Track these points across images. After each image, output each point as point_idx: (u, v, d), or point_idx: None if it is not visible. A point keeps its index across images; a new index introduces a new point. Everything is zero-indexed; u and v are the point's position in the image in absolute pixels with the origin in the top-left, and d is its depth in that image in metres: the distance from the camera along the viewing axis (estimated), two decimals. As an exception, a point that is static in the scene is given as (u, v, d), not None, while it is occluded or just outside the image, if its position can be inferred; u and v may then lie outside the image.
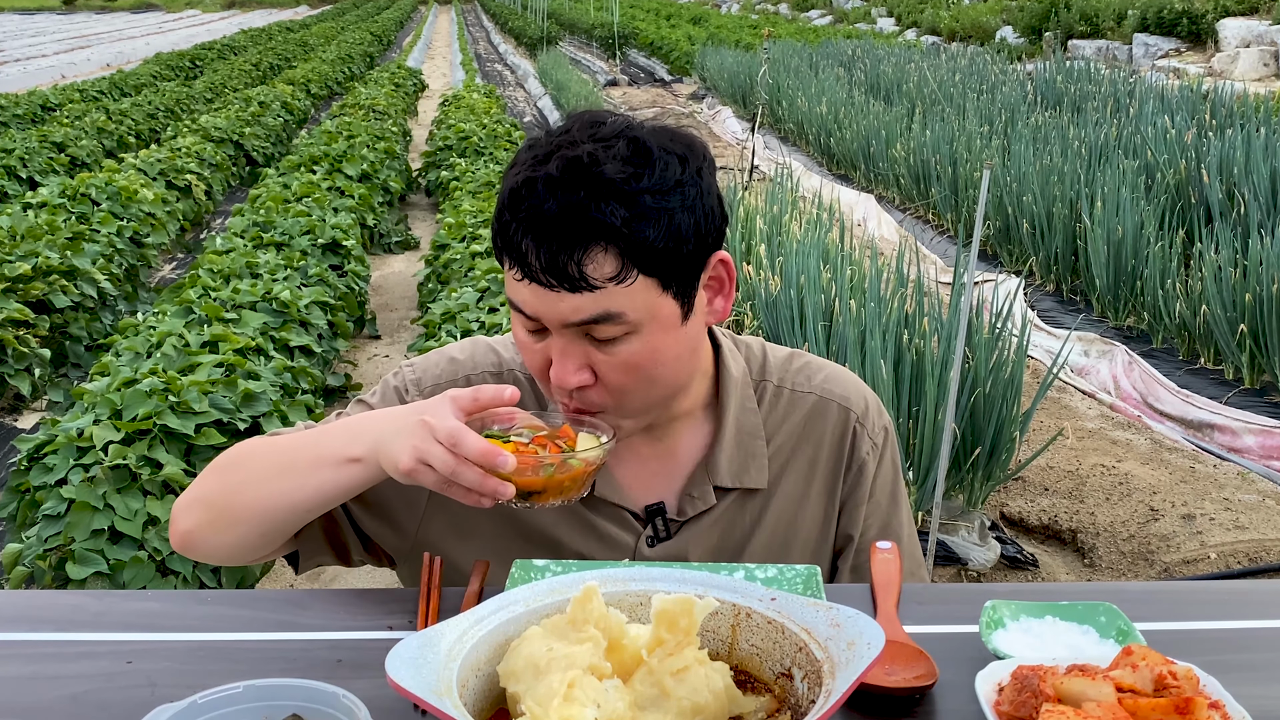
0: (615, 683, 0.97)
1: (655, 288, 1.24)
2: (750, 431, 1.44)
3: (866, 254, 4.43)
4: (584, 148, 1.21)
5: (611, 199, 1.19)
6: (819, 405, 1.48)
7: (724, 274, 1.33)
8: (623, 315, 1.23)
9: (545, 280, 1.21)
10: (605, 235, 1.19)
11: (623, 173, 1.20)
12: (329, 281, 6.15)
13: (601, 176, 1.19)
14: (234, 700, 0.99)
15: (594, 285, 1.20)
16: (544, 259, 1.20)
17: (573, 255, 1.19)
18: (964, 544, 3.76)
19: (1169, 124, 7.98)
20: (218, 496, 1.37)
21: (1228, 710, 0.97)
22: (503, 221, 1.23)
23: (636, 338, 1.25)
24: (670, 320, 1.27)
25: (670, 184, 1.22)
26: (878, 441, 1.50)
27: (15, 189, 9.09)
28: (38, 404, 5.38)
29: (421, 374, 1.45)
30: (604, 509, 1.41)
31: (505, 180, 1.25)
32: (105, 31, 41.71)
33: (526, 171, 1.22)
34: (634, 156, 1.22)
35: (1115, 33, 17.70)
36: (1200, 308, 5.43)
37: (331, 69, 20.10)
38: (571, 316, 1.22)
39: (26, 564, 3.30)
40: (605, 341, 1.25)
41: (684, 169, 1.24)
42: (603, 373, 1.27)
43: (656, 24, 28.05)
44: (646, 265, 1.22)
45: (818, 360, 1.53)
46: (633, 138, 1.23)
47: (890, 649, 1.09)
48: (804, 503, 1.46)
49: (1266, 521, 3.99)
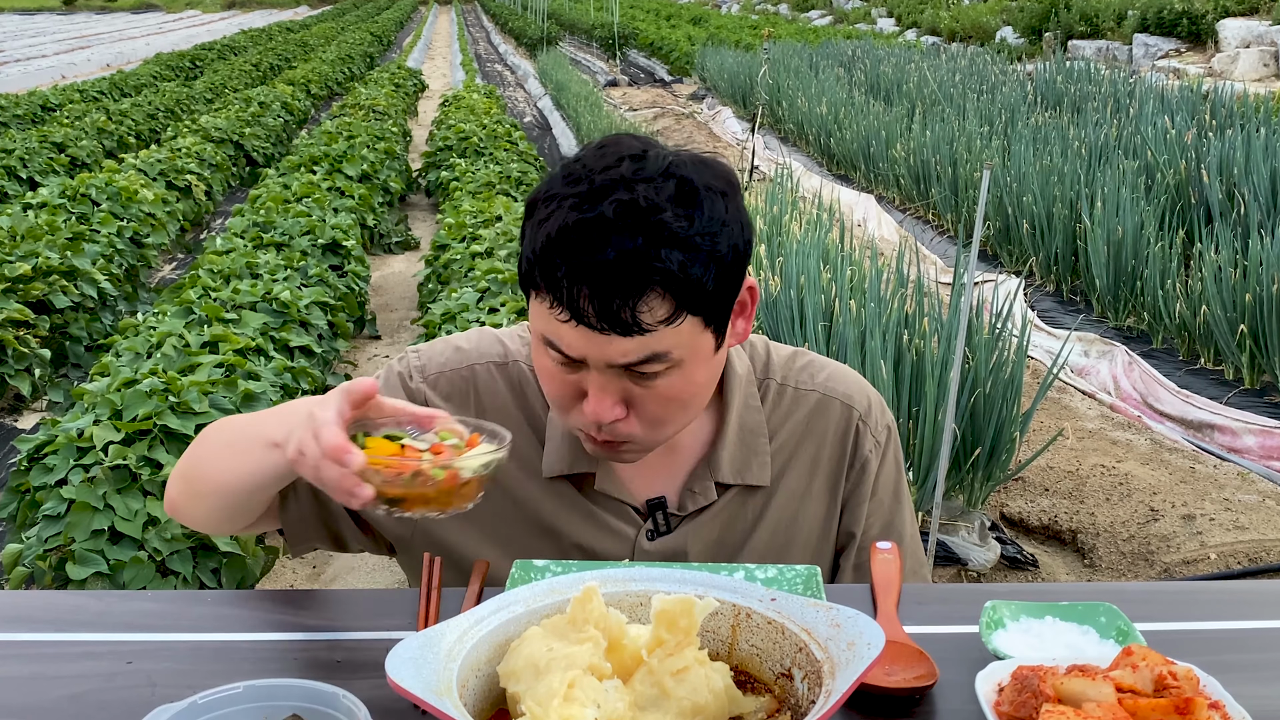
0: (615, 683, 0.97)
1: (699, 324, 1.24)
2: (753, 429, 1.44)
3: (866, 254, 4.43)
4: (639, 190, 1.18)
5: (667, 245, 1.17)
6: (822, 403, 1.48)
7: (749, 298, 1.33)
8: (669, 354, 1.22)
9: (596, 324, 1.19)
10: (662, 281, 1.18)
11: (677, 218, 1.18)
12: (329, 282, 6.15)
13: (659, 223, 1.17)
14: (234, 700, 0.99)
15: (646, 329, 1.19)
16: (598, 305, 1.18)
17: (628, 301, 1.17)
18: (964, 544, 3.76)
19: (1169, 124, 7.98)
20: (187, 469, 1.41)
21: (1228, 710, 0.97)
22: (548, 261, 1.19)
23: (677, 372, 1.25)
24: (707, 352, 1.28)
25: (718, 225, 1.21)
26: (880, 440, 1.50)
27: (15, 189, 9.09)
28: (38, 404, 5.39)
29: (426, 360, 1.45)
30: (605, 502, 1.41)
31: (543, 212, 1.21)
32: (105, 32, 41.72)
33: (574, 212, 1.18)
34: (682, 197, 1.20)
35: (1115, 33, 17.69)
36: (1200, 308, 5.43)
37: (331, 69, 20.09)
38: (619, 359, 1.21)
39: (26, 564, 3.30)
40: (645, 376, 1.24)
41: (727, 207, 1.23)
42: (638, 405, 1.27)
43: (656, 24, 28.05)
44: (694, 305, 1.21)
45: (821, 359, 1.53)
46: (680, 176, 1.21)
47: (890, 649, 1.09)
48: (806, 500, 1.47)
49: (1266, 521, 3.99)
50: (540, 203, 1.23)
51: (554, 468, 1.41)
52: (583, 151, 1.25)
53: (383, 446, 1.19)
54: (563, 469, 1.40)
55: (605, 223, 1.17)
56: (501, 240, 6.21)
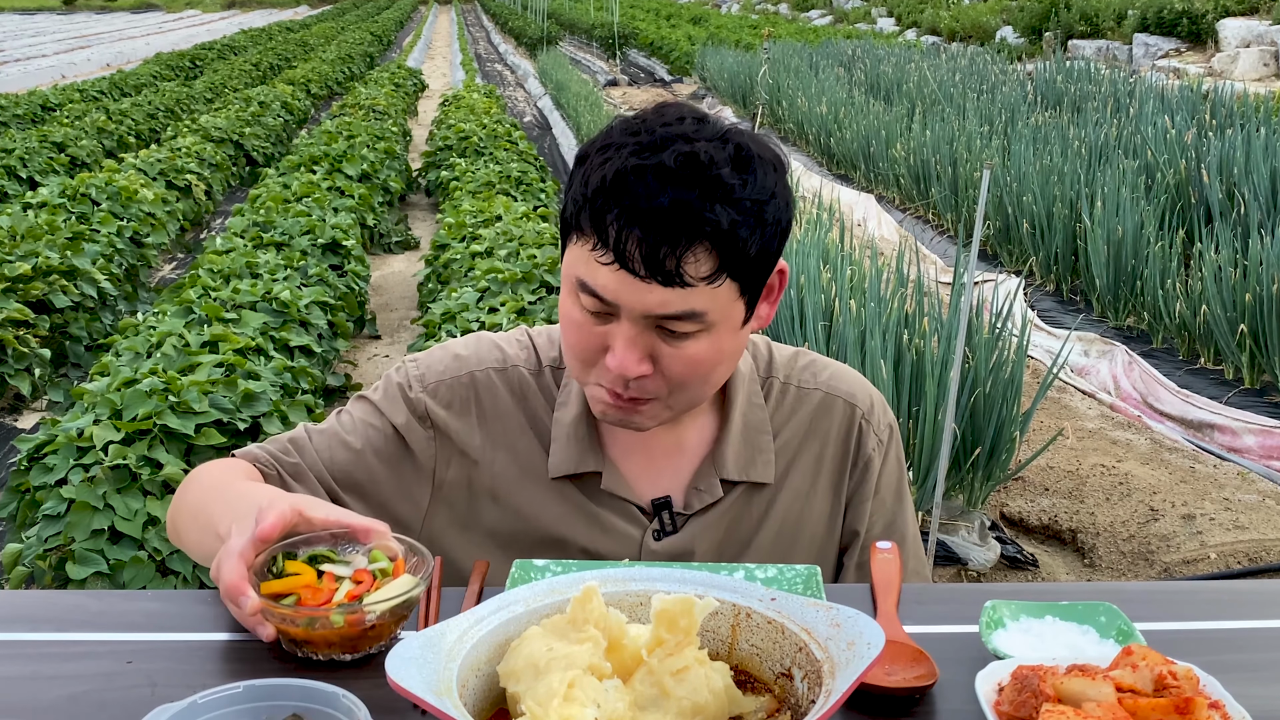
0: (615, 683, 0.97)
1: (735, 291, 1.25)
2: (756, 426, 1.45)
3: (866, 254, 4.43)
4: (700, 145, 1.20)
5: (722, 201, 1.19)
6: (825, 401, 1.48)
7: (777, 282, 1.34)
8: (705, 314, 1.23)
9: (639, 271, 1.20)
10: (711, 236, 1.19)
11: (733, 178, 1.20)
12: (329, 281, 6.15)
13: (717, 179, 1.19)
14: (234, 700, 0.99)
15: (687, 283, 1.20)
16: (645, 250, 1.19)
17: (675, 250, 1.18)
18: (964, 544, 3.76)
19: (1169, 124, 7.98)
20: (172, 515, 1.43)
21: (1228, 710, 0.97)
22: (598, 204, 1.20)
23: (706, 336, 1.26)
24: (736, 324, 1.29)
25: (767, 194, 1.23)
26: (883, 438, 1.50)
27: (15, 189, 9.09)
28: (38, 404, 5.38)
29: (425, 369, 1.45)
30: (610, 503, 1.41)
31: (599, 159, 1.22)
32: (105, 31, 41.71)
33: (634, 158, 1.19)
34: (739, 161, 1.22)
35: (1115, 33, 17.70)
36: (1200, 308, 5.43)
37: (331, 69, 20.09)
38: (656, 309, 1.22)
39: (26, 564, 3.30)
40: (675, 335, 1.25)
41: (776, 181, 1.25)
42: (664, 364, 1.27)
43: (656, 24, 28.06)
44: (736, 269, 1.22)
45: (823, 358, 1.54)
46: (737, 143, 1.23)
47: (890, 649, 1.09)
48: (810, 498, 1.47)
49: (1266, 521, 3.99)
50: (595, 151, 1.24)
51: (560, 468, 1.40)
52: (641, 111, 1.27)
53: (300, 575, 1.15)
54: (569, 468, 1.40)
55: (665, 170, 1.18)
56: (501, 240, 6.21)
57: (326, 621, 1.09)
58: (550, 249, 5.88)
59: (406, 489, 1.41)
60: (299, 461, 1.42)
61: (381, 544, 1.19)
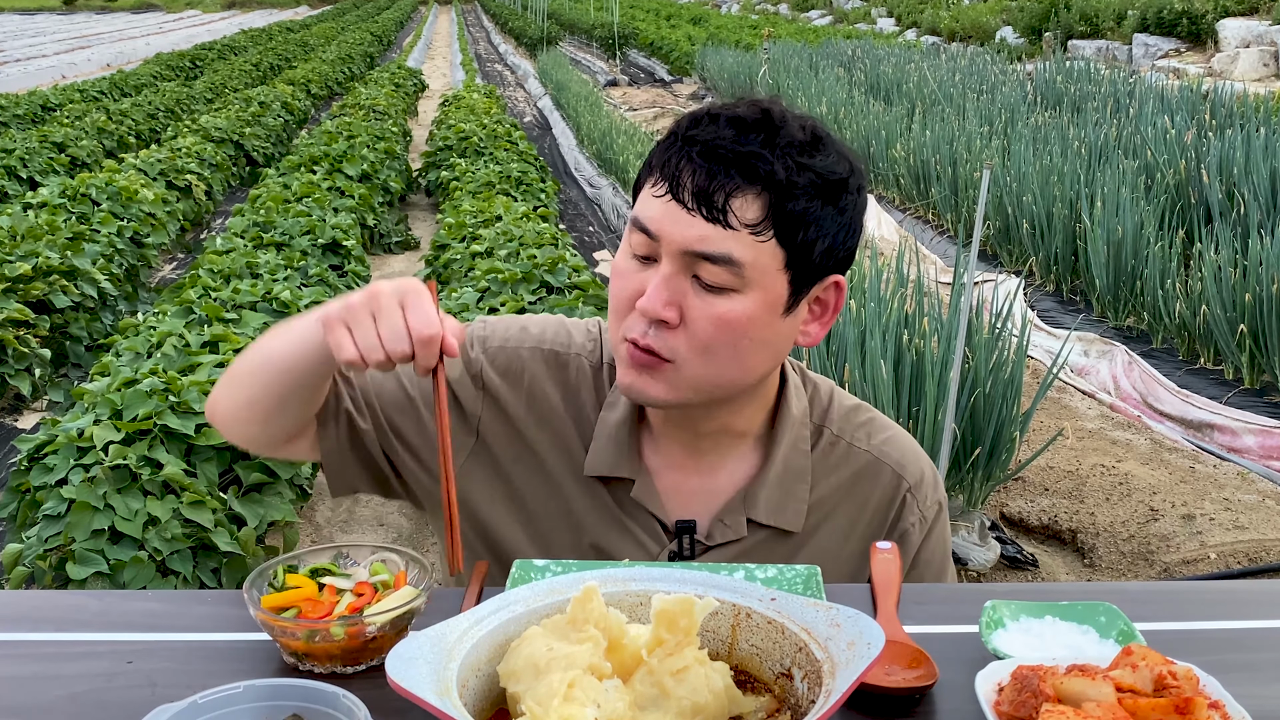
0: (615, 683, 0.97)
1: (779, 260, 1.24)
2: (796, 473, 1.40)
3: (866, 254, 4.43)
4: (777, 108, 1.26)
5: (784, 155, 1.22)
6: (872, 466, 1.43)
7: (832, 300, 1.33)
8: (741, 266, 1.22)
9: (687, 202, 1.21)
10: (764, 182, 1.21)
11: (803, 141, 1.24)
12: (329, 281, 6.15)
13: (784, 133, 1.23)
14: (234, 700, 0.99)
15: (730, 224, 1.21)
16: (698, 180, 1.21)
17: (725, 186, 1.20)
18: (964, 544, 3.76)
19: (1169, 124, 7.98)
20: (235, 362, 1.41)
21: (1228, 710, 0.97)
22: (669, 141, 1.25)
23: (740, 297, 1.24)
24: (775, 302, 1.26)
25: (835, 178, 1.25)
26: (928, 515, 1.44)
27: (15, 189, 9.09)
28: (38, 404, 5.39)
29: (490, 332, 1.45)
30: (635, 513, 1.39)
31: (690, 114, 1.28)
32: (105, 31, 41.71)
33: (714, 110, 1.26)
34: (815, 138, 1.26)
35: (1115, 33, 17.70)
36: (1200, 308, 5.43)
37: (331, 69, 20.09)
38: (695, 245, 1.22)
39: (26, 564, 3.30)
40: (709, 289, 1.24)
41: (851, 175, 1.27)
42: (691, 318, 1.25)
43: (656, 24, 28.06)
44: (784, 231, 1.23)
45: (883, 419, 1.48)
46: (818, 127, 1.28)
47: (890, 649, 1.09)
48: (836, 561, 1.41)
49: (1266, 521, 3.99)
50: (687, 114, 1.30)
51: (596, 467, 1.39)
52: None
53: (301, 588, 1.15)
54: (604, 470, 1.38)
55: (736, 118, 1.24)
56: (501, 240, 6.21)
57: (327, 634, 1.09)
58: (550, 249, 5.88)
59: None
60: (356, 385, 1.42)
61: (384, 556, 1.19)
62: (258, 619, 1.12)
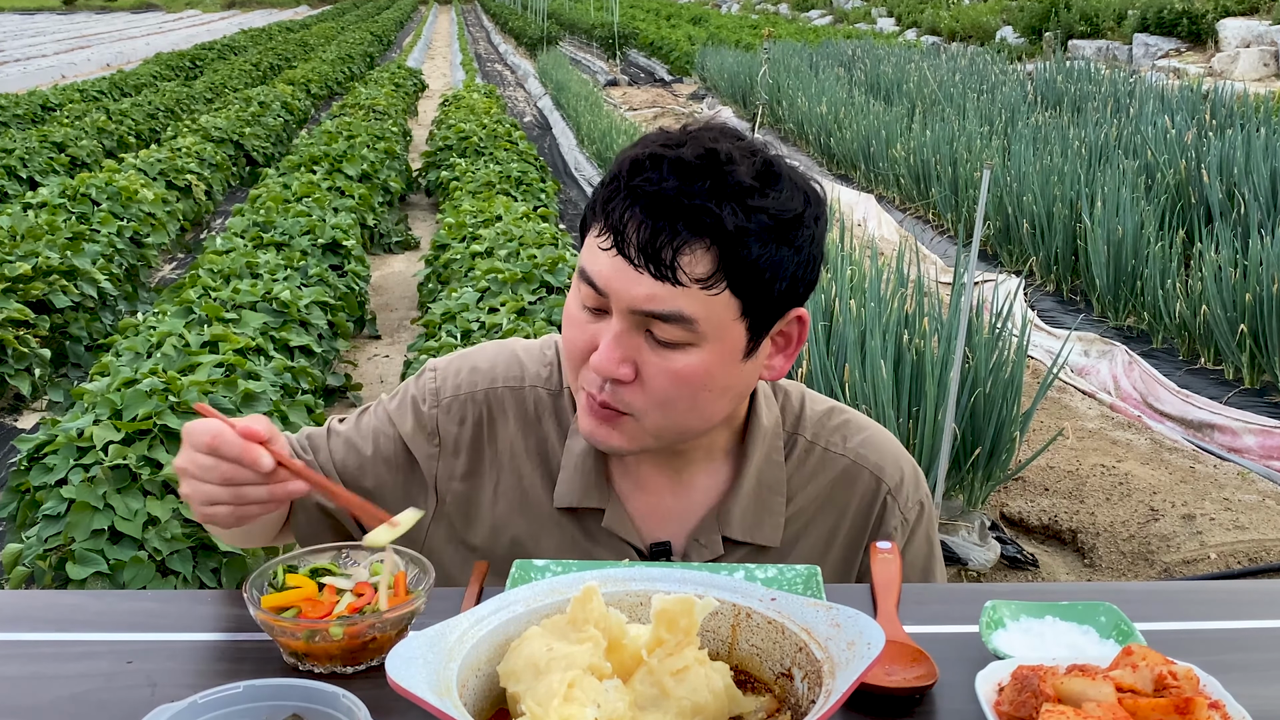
0: (615, 683, 0.97)
1: (735, 309, 1.19)
2: (771, 486, 1.36)
3: (866, 254, 4.43)
4: (724, 145, 1.17)
5: (732, 201, 1.15)
6: (850, 470, 1.39)
7: (795, 332, 1.28)
8: (695, 323, 1.17)
9: (634, 258, 1.15)
10: (712, 234, 1.15)
11: (752, 186, 1.16)
12: (329, 281, 6.15)
13: (731, 177, 1.15)
14: (234, 700, 0.99)
15: (679, 280, 1.15)
16: (642, 236, 1.14)
17: (672, 241, 1.14)
18: (964, 544, 3.76)
19: (1169, 124, 7.98)
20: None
21: (1228, 710, 0.97)
22: (611, 188, 1.18)
23: (695, 351, 1.19)
24: (733, 350, 1.22)
25: (789, 215, 1.18)
26: (909, 517, 1.41)
27: (15, 189, 9.09)
28: (38, 404, 5.38)
29: (441, 383, 1.41)
30: (608, 542, 1.36)
31: (625, 153, 1.21)
32: (105, 31, 41.70)
33: (655, 148, 1.18)
34: (765, 174, 1.18)
35: (1115, 33, 17.70)
36: (1200, 308, 5.43)
37: (331, 69, 20.09)
38: (644, 304, 1.17)
39: (26, 564, 3.30)
40: (663, 344, 1.19)
41: (806, 208, 1.21)
42: (647, 375, 1.21)
43: (656, 24, 28.06)
44: (737, 282, 1.17)
45: (859, 419, 1.44)
46: (769, 159, 1.20)
47: (890, 649, 1.09)
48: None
49: (1266, 521, 3.99)
50: (628, 149, 1.22)
51: (565, 499, 1.36)
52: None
53: (301, 588, 1.15)
54: (573, 501, 1.35)
55: (681, 162, 1.16)
56: (501, 240, 6.21)
57: (326, 634, 1.09)
58: (550, 249, 5.88)
59: (412, 499, 1.39)
60: (313, 460, 1.42)
61: (383, 556, 1.19)
62: (258, 619, 1.12)
